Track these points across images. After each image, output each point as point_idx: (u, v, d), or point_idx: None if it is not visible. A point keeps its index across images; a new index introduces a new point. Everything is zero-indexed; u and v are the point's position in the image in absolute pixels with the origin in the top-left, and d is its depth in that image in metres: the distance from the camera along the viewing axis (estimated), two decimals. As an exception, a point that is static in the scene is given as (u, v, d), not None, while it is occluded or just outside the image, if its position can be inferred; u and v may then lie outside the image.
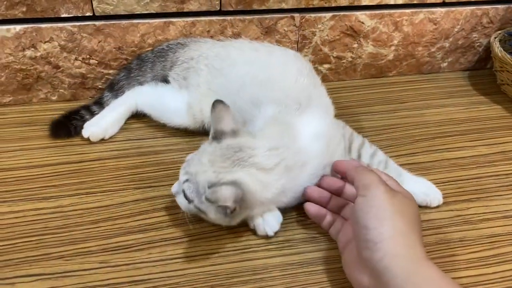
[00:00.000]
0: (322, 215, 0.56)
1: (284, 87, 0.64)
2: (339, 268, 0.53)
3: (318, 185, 0.58)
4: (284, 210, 0.60)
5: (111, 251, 0.55)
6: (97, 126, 0.73)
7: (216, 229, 0.58)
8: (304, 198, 0.58)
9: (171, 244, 0.56)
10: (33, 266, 0.53)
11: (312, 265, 0.54)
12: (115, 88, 0.78)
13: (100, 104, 0.78)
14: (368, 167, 0.54)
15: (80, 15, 0.76)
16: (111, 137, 0.74)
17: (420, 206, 0.60)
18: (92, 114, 0.76)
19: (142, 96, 0.76)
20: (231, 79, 0.69)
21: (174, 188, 0.57)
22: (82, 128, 0.73)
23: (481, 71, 0.99)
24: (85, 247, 0.55)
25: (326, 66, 0.91)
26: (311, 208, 0.57)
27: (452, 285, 0.41)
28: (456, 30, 0.93)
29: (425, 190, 0.62)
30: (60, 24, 0.76)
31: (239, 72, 0.68)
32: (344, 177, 0.57)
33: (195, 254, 0.55)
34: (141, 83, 0.78)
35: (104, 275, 0.52)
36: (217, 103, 0.57)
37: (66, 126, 0.73)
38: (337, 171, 0.58)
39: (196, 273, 0.52)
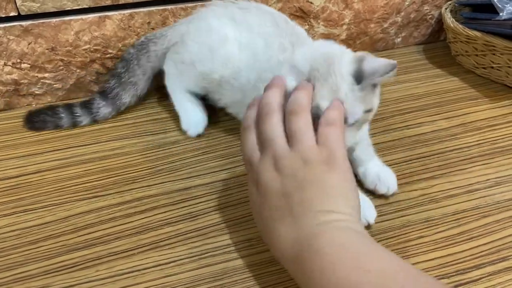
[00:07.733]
0: None
1: None
2: (303, 264, 0.50)
3: None
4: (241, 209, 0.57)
5: (54, 273, 0.49)
6: (194, 120, 0.71)
7: (168, 237, 0.53)
8: None
9: (120, 258, 0.51)
10: (-35, 299, 0.47)
11: (274, 264, 0.50)
12: (109, 96, 0.73)
13: (89, 109, 0.72)
14: None
15: (3, 16, 0.69)
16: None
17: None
18: (72, 114, 0.71)
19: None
20: None
21: None
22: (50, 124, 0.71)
23: (435, 44, 0.98)
24: (24, 272, 0.50)
25: (279, 51, 0.87)
26: None
27: None
28: (407, 3, 0.90)
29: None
30: (-19, 28, 0.69)
31: None
32: None
33: (147, 266, 0.50)
34: (135, 84, 0.73)
35: (47, 300, 0.47)
36: None
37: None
38: None
39: (149, 287, 0.48)
